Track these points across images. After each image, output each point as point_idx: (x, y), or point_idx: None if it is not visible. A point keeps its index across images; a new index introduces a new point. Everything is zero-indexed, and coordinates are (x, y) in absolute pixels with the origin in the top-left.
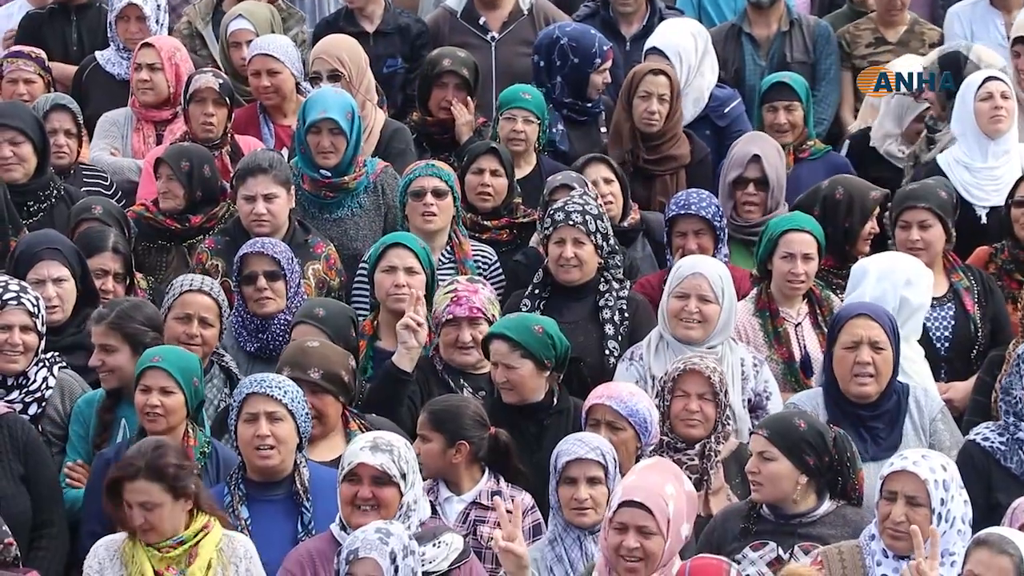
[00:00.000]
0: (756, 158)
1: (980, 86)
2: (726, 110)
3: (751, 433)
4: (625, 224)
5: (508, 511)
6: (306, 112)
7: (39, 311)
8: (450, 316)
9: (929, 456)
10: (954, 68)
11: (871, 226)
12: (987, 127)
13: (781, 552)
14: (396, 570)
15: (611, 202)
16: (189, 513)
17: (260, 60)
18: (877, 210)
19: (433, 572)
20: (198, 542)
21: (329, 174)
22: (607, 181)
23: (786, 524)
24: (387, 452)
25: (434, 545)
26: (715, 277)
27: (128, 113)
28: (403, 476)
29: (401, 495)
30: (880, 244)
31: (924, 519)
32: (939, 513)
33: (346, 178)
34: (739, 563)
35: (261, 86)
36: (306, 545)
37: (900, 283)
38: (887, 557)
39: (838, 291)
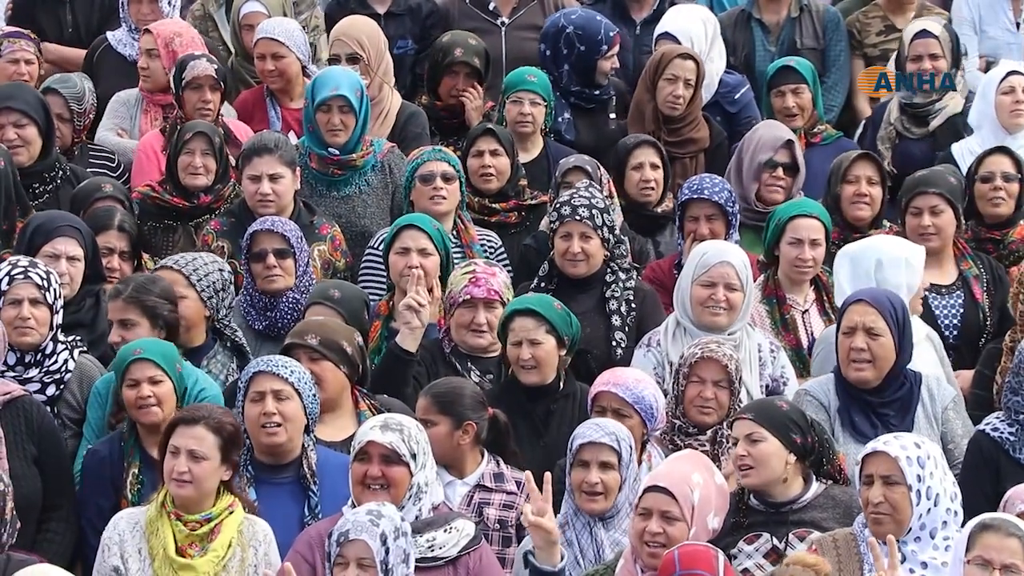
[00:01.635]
0: (789, 144)
1: (1003, 80)
2: (736, 96)
3: (733, 420)
4: (658, 210)
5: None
6: (315, 90)
7: (50, 285)
8: (467, 296)
9: (901, 436)
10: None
11: (855, 189)
12: (1007, 121)
13: (776, 542)
14: (387, 551)
15: (654, 188)
16: (216, 492)
17: (265, 44)
18: (865, 172)
19: (443, 557)
20: (222, 520)
21: (337, 152)
22: (654, 167)
23: (777, 513)
24: (397, 431)
25: (445, 531)
26: (740, 265)
27: (138, 94)
28: (413, 456)
29: (411, 475)
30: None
31: (902, 497)
32: (917, 490)
33: (354, 156)
34: (735, 558)
35: (266, 69)
36: (317, 527)
37: (871, 268)
38: (881, 544)
39: None
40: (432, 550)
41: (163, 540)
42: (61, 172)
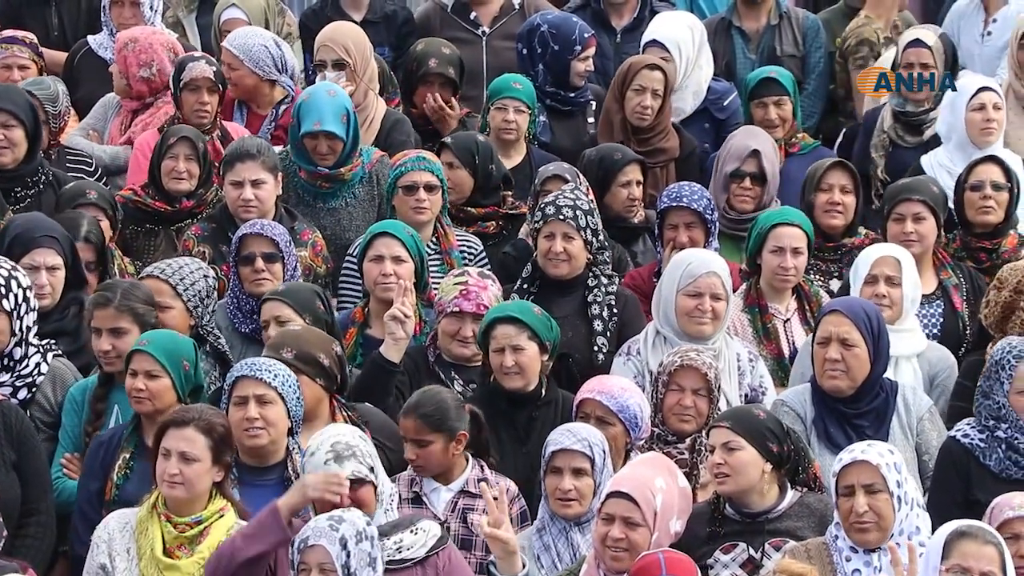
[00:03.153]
0: (755, 153)
1: (973, 96)
2: (725, 103)
3: (710, 428)
4: (635, 221)
5: (494, 497)
6: (300, 116)
7: (8, 290)
8: (456, 309)
9: (873, 444)
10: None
11: (828, 197)
12: (977, 138)
13: (752, 552)
14: (348, 555)
15: (638, 205)
16: (208, 495)
17: (224, 52)
18: (839, 181)
19: (411, 559)
20: (211, 523)
21: (327, 168)
22: (638, 183)
23: (753, 522)
24: (351, 457)
25: (411, 532)
26: (725, 274)
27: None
28: (371, 469)
29: (376, 488)
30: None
31: (886, 504)
32: (898, 496)
33: (342, 170)
34: (711, 567)
35: (225, 75)
36: None
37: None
38: (856, 552)
39: (817, 275)
40: (400, 552)
41: (151, 540)
42: (43, 176)
